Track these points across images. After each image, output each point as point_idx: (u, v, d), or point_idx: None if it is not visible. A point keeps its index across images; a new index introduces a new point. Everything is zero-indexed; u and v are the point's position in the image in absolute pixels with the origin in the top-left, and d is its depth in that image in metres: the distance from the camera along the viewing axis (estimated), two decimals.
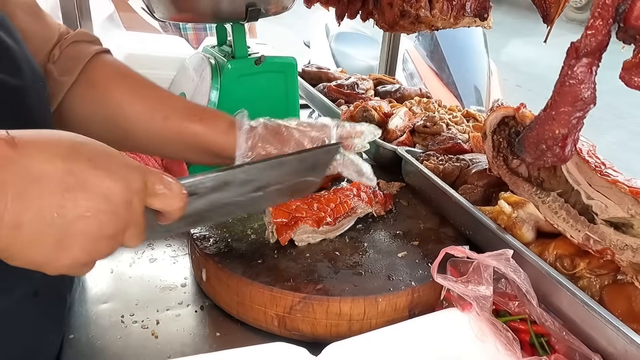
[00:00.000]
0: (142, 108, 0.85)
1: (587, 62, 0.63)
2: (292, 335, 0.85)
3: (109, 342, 0.82)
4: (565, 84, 0.65)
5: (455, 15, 1.14)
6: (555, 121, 0.69)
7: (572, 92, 0.65)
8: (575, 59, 0.64)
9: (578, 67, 0.64)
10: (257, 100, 1.25)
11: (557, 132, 0.69)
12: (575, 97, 0.65)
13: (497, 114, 1.03)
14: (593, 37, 0.62)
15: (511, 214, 0.90)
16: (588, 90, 0.65)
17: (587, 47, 0.63)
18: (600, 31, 0.61)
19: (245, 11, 1.11)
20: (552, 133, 0.70)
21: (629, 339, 0.67)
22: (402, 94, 1.60)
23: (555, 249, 0.86)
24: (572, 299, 0.74)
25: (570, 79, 0.65)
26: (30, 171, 0.45)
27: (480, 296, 0.82)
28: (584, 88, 0.65)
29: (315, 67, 1.76)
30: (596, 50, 0.63)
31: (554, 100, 0.68)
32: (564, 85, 0.65)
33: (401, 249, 0.96)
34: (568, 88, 0.65)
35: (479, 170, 1.09)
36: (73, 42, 0.83)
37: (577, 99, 0.66)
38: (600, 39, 0.62)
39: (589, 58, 0.63)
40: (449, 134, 1.30)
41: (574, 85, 0.65)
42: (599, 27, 0.61)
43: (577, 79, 0.64)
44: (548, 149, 0.72)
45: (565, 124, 0.68)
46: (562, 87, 0.66)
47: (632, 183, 0.78)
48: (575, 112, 0.67)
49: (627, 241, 0.77)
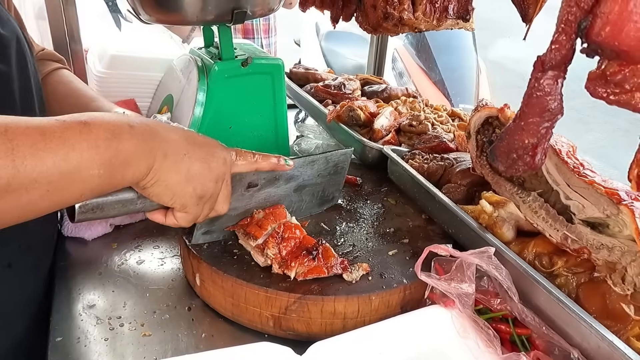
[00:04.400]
0: None
1: (553, 74, 0.66)
2: (287, 335, 0.86)
3: (96, 344, 0.83)
4: (532, 95, 0.68)
5: (438, 17, 1.15)
6: (524, 131, 0.71)
7: (539, 104, 0.67)
8: (541, 72, 0.66)
9: (544, 79, 0.66)
10: (244, 102, 1.26)
11: (527, 141, 0.72)
12: (543, 108, 0.68)
13: (481, 114, 1.04)
14: (557, 52, 0.64)
15: (492, 213, 0.92)
16: (555, 101, 0.67)
17: (552, 61, 0.65)
18: (564, 45, 0.63)
19: (231, 13, 1.11)
20: (522, 143, 0.72)
21: (600, 335, 0.69)
22: (388, 93, 1.62)
23: (534, 248, 0.87)
24: (548, 296, 0.76)
25: (537, 91, 0.67)
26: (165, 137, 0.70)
27: (463, 293, 0.83)
28: (550, 99, 0.67)
29: (302, 67, 1.77)
30: (561, 64, 0.65)
31: (523, 112, 0.71)
32: (532, 97, 0.68)
33: (391, 247, 0.98)
34: (535, 100, 0.68)
35: (463, 169, 1.11)
36: (37, 60, 0.97)
37: (544, 110, 0.68)
38: (564, 53, 0.64)
39: (554, 71, 0.65)
40: (434, 133, 1.32)
41: (541, 97, 0.67)
42: (562, 42, 0.63)
43: (544, 91, 0.66)
44: (519, 158, 0.74)
45: (534, 133, 0.71)
46: (529, 98, 0.68)
47: (608, 184, 0.80)
48: (544, 123, 0.69)
49: (603, 241, 0.79)
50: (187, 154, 0.72)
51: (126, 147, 0.64)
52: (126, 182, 0.68)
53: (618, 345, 0.67)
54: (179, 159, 0.71)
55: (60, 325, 0.86)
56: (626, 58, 0.57)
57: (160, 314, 0.90)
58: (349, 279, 0.86)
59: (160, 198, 0.72)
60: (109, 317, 0.88)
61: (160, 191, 0.71)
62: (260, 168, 0.85)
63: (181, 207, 0.75)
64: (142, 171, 0.68)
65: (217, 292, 0.88)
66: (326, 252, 0.88)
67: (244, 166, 0.83)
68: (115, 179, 0.65)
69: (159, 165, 0.69)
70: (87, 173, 0.61)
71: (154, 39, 1.56)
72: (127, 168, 0.65)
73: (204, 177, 0.74)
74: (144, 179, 0.69)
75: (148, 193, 0.71)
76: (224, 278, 0.86)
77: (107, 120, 0.64)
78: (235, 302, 0.87)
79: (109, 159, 0.62)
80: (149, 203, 0.75)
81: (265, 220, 0.92)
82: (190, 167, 0.72)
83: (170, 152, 0.70)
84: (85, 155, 0.60)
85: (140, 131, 0.67)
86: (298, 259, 0.86)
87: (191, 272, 0.93)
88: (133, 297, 0.93)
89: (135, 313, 0.89)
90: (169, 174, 0.70)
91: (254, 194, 0.93)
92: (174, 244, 1.08)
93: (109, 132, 0.63)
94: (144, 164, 0.67)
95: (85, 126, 0.61)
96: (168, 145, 0.70)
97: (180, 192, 0.73)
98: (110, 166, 0.63)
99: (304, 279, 0.85)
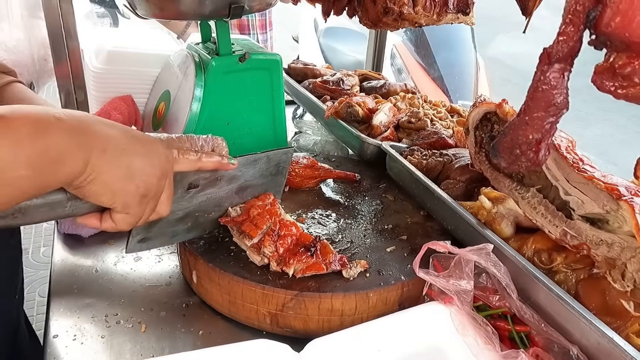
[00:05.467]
0: None
1: (560, 67, 0.64)
2: (284, 332, 0.85)
3: (92, 341, 0.82)
4: (538, 89, 0.66)
5: (438, 12, 1.14)
6: (528, 126, 0.69)
7: (545, 98, 0.66)
8: (547, 65, 0.64)
9: (550, 72, 0.64)
10: (242, 98, 1.25)
11: (531, 137, 0.70)
12: (548, 102, 0.66)
13: (480, 109, 1.04)
14: (565, 43, 0.62)
15: (491, 209, 0.91)
16: (561, 95, 0.66)
17: (559, 53, 0.63)
18: (572, 37, 0.62)
19: (228, 8, 1.10)
20: (526, 138, 0.71)
21: (600, 332, 0.68)
22: (387, 89, 1.61)
23: (533, 244, 0.87)
24: (547, 293, 0.76)
25: (543, 85, 0.65)
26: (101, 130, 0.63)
27: (462, 290, 0.83)
28: (556, 93, 0.65)
29: (301, 63, 1.76)
30: (568, 56, 0.63)
31: (527, 106, 0.69)
32: (537, 91, 0.66)
33: (390, 243, 0.97)
34: (541, 93, 0.66)
35: (462, 165, 1.11)
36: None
37: (550, 104, 0.66)
38: (572, 45, 0.62)
39: (561, 64, 0.64)
40: (433, 129, 1.31)
41: (547, 90, 0.65)
42: (570, 34, 0.62)
43: (549, 84, 0.65)
44: (522, 154, 0.73)
45: (539, 129, 0.69)
46: (535, 92, 0.66)
47: (608, 179, 0.80)
48: (549, 117, 0.68)
49: (602, 236, 0.79)
50: (127, 149, 0.65)
51: (55, 142, 0.56)
52: (60, 181, 0.61)
53: (618, 342, 0.67)
54: (119, 154, 0.64)
55: (57, 323, 0.85)
56: (636, 50, 0.55)
57: (157, 312, 0.89)
58: (347, 275, 0.86)
59: (98, 198, 0.64)
60: (105, 314, 0.88)
61: (98, 190, 0.63)
62: (203, 167, 0.78)
63: (122, 208, 0.67)
64: (78, 168, 0.60)
65: (214, 289, 0.88)
66: (324, 248, 0.88)
67: (187, 164, 0.76)
68: (47, 180, 0.58)
69: (97, 160, 0.61)
70: (12, 175, 0.54)
71: (151, 34, 1.55)
72: (59, 166, 0.58)
73: (147, 174, 0.67)
74: (80, 177, 0.61)
75: (84, 193, 0.63)
76: (220, 275, 0.86)
77: (29, 113, 0.56)
78: (232, 299, 0.86)
79: (36, 158, 0.55)
80: (81, 205, 0.66)
81: (261, 219, 0.91)
82: (131, 163, 0.65)
83: (109, 147, 0.63)
84: (7, 155, 0.53)
85: (70, 124, 0.59)
86: (296, 256, 0.85)
87: (188, 269, 0.93)
88: (130, 295, 0.93)
89: (132, 310, 0.89)
90: (108, 171, 0.63)
91: (195, 195, 0.86)
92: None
93: (32, 127, 0.55)
94: (79, 160, 0.60)
95: (3, 121, 0.53)
96: (105, 139, 0.63)
97: (121, 190, 0.65)
98: (39, 165, 0.56)
99: (302, 275, 0.84)
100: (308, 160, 1.17)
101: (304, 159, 1.17)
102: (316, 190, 1.16)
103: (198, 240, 0.92)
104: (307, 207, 1.08)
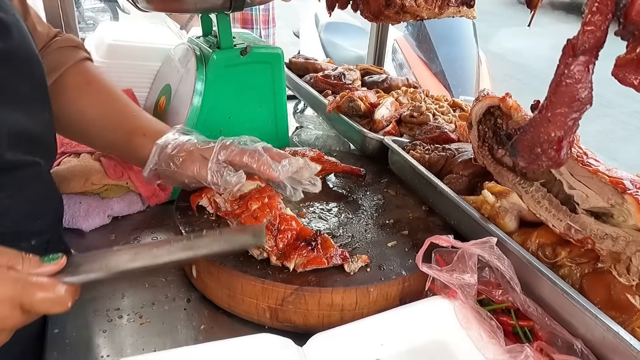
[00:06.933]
0: (98, 116, 0.96)
1: (585, 60, 0.60)
2: (284, 326, 0.85)
3: (93, 336, 0.82)
4: (561, 83, 0.62)
5: (440, 5, 1.14)
6: (551, 123, 0.65)
7: (569, 92, 0.62)
8: (572, 57, 0.60)
9: (575, 65, 0.60)
10: (244, 92, 1.25)
11: (553, 134, 0.66)
12: (572, 97, 0.62)
13: (483, 103, 1.03)
14: (591, 34, 0.58)
15: (494, 204, 0.90)
16: (585, 90, 0.61)
17: (585, 44, 0.59)
18: (599, 27, 0.57)
19: (230, 1, 1.09)
20: (548, 136, 0.67)
21: (605, 327, 0.68)
22: (389, 84, 1.60)
23: (537, 238, 0.86)
24: (552, 287, 0.75)
25: (567, 79, 0.61)
26: None
27: (465, 284, 0.83)
28: (581, 88, 0.61)
29: (302, 57, 1.75)
30: (594, 48, 0.59)
31: (550, 101, 0.64)
32: (560, 85, 0.62)
33: (391, 238, 0.97)
34: (565, 88, 0.62)
35: (465, 159, 1.10)
36: (58, 48, 0.94)
37: (574, 100, 0.62)
38: (598, 36, 0.58)
39: (586, 56, 0.59)
40: (435, 124, 1.30)
41: (571, 85, 0.61)
42: (597, 23, 0.57)
43: (574, 78, 0.61)
44: (543, 153, 0.69)
45: (562, 126, 0.65)
46: (558, 87, 0.62)
47: (612, 173, 0.79)
48: (572, 114, 0.64)
49: (607, 230, 0.78)
50: None
51: None
52: None
53: (623, 336, 0.66)
54: None
55: (58, 317, 0.85)
56: None
57: (158, 306, 0.89)
58: (348, 270, 0.85)
59: None
60: (107, 308, 0.87)
61: None
62: None
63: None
64: None
65: (214, 284, 0.87)
66: (325, 242, 0.87)
67: None
68: None
69: None
70: None
71: (151, 28, 1.54)
72: None
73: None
74: None
75: None
76: (220, 269, 0.85)
77: None
78: (231, 294, 0.86)
79: None
80: None
81: (261, 212, 0.90)
82: None
83: None
84: None
85: None
86: (297, 250, 0.85)
87: (188, 263, 0.92)
88: (131, 289, 0.92)
89: (134, 305, 0.89)
90: None
91: None
92: (172, 235, 1.07)
93: None
94: None
95: None
96: None
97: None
98: None
99: (303, 270, 0.84)
100: (314, 153, 1.15)
101: (310, 151, 1.16)
102: None
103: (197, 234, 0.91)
104: (309, 201, 1.07)
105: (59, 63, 0.93)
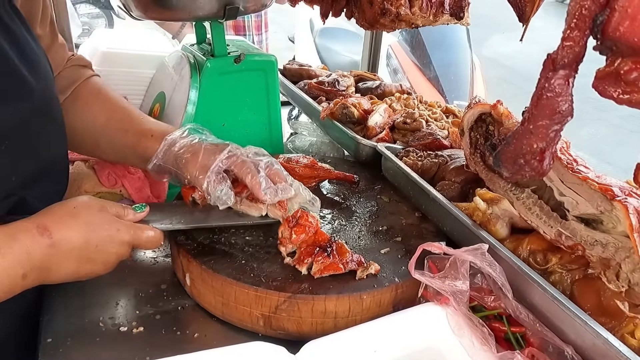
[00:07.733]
0: (108, 121, 1.01)
1: (564, 74, 0.62)
2: (277, 334, 0.85)
3: (87, 344, 0.82)
4: (542, 97, 0.64)
5: (435, 12, 1.15)
6: (533, 135, 0.67)
7: (549, 105, 0.64)
8: (552, 71, 0.62)
9: (555, 79, 0.62)
10: (238, 99, 1.25)
11: (535, 146, 0.68)
12: (553, 110, 0.64)
13: (474, 111, 1.04)
14: (570, 49, 0.60)
15: (486, 211, 0.91)
16: (565, 102, 0.64)
17: (564, 59, 0.61)
18: (578, 42, 0.59)
19: (223, 9, 1.10)
20: (530, 147, 0.69)
21: (595, 333, 0.68)
22: (383, 90, 1.61)
23: (528, 245, 0.87)
24: (542, 293, 0.76)
25: (547, 92, 0.63)
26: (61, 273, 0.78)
27: (457, 291, 0.83)
28: (561, 101, 0.63)
29: (296, 64, 1.76)
30: (573, 62, 0.61)
31: (532, 114, 0.67)
32: (542, 99, 0.64)
33: (384, 245, 0.97)
34: (546, 101, 0.64)
35: (457, 166, 1.11)
36: (71, 66, 1.04)
37: (555, 112, 0.64)
38: (577, 51, 0.60)
39: (566, 70, 0.62)
40: (428, 130, 1.31)
41: (552, 98, 0.63)
42: (575, 39, 0.59)
43: (554, 91, 0.63)
44: (526, 164, 0.71)
45: (543, 137, 0.67)
46: (539, 100, 0.64)
47: (602, 180, 0.80)
48: (553, 126, 0.66)
49: (597, 237, 0.79)
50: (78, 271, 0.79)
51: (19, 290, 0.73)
52: None
53: (613, 343, 0.67)
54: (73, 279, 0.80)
55: (51, 326, 0.85)
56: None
57: (152, 315, 0.89)
58: (361, 275, 0.86)
59: None
60: (100, 316, 0.87)
61: None
62: None
63: None
64: None
65: (207, 291, 0.88)
66: (340, 248, 0.88)
67: None
68: None
69: None
70: None
71: (145, 35, 1.54)
72: None
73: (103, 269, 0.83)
74: None
75: None
76: (213, 277, 0.85)
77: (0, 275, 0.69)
78: (225, 302, 0.86)
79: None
80: None
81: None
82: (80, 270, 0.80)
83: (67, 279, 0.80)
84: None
85: (32, 280, 0.74)
86: (312, 256, 0.85)
87: (181, 271, 0.93)
88: (125, 297, 0.92)
89: (127, 313, 0.88)
90: None
91: None
92: (166, 244, 1.07)
93: (3, 293, 0.71)
94: None
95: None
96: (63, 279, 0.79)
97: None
98: None
99: (320, 276, 0.85)
100: (308, 160, 1.15)
101: (303, 158, 1.16)
102: (313, 191, 1.16)
103: (191, 242, 0.92)
104: None
105: (72, 80, 1.02)
